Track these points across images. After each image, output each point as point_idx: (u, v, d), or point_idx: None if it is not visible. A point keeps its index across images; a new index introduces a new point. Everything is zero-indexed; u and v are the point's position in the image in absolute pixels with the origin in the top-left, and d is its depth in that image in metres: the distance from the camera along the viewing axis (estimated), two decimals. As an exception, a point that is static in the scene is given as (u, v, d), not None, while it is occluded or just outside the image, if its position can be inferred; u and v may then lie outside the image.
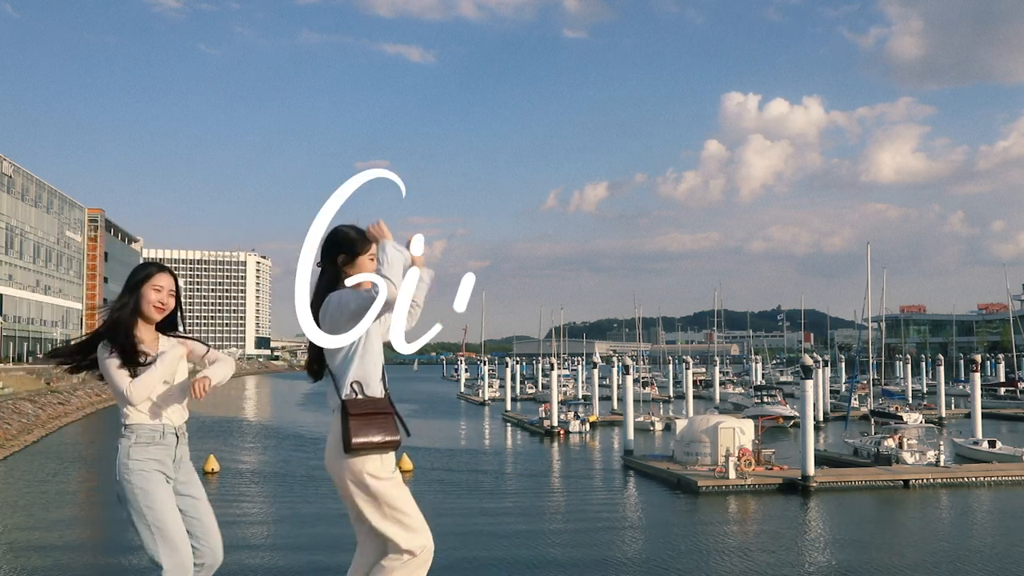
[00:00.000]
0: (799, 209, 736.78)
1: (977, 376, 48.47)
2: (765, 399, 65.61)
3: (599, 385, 67.66)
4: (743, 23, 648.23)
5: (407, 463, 37.09)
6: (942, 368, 66.09)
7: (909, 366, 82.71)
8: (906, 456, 37.33)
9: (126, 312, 3.90)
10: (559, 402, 56.87)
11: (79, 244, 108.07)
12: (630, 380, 45.61)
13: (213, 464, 36.24)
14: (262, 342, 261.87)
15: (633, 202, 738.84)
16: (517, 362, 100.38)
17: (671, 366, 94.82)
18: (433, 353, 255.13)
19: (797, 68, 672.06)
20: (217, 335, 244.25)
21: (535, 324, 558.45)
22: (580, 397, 75.87)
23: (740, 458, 33.16)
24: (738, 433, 35.19)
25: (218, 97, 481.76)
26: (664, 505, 31.06)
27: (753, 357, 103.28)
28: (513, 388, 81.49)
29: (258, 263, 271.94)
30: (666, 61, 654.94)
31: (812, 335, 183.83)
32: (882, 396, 59.70)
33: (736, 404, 69.34)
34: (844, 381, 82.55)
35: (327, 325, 3.54)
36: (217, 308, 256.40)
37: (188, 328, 4.18)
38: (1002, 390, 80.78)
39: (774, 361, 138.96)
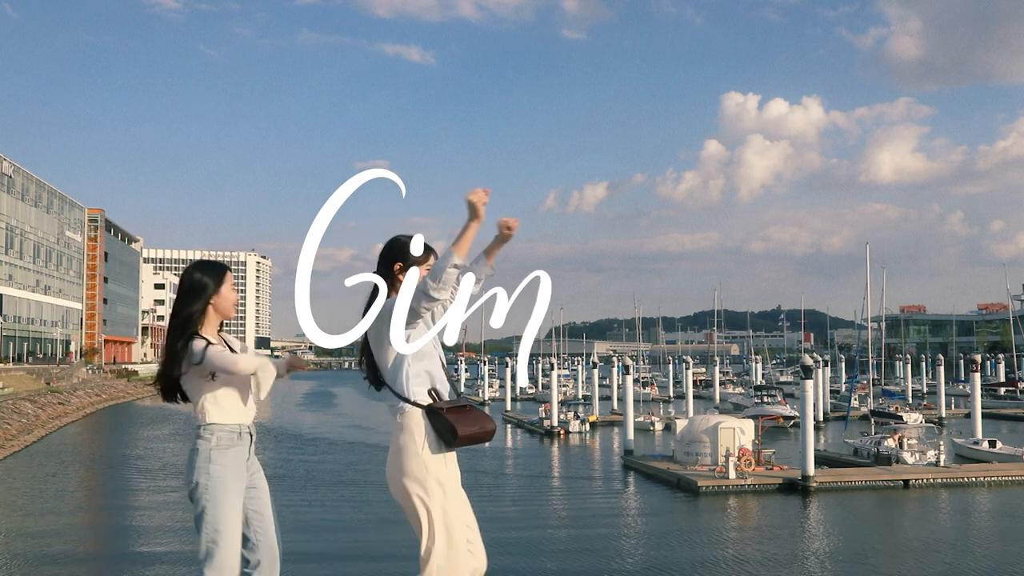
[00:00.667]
0: (798, 209, 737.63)
1: (977, 376, 48.50)
2: (765, 399, 65.63)
3: (599, 385, 67.69)
4: (742, 23, 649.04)
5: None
6: (942, 368, 66.15)
7: (909, 366, 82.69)
8: (906, 456, 37.34)
9: (199, 309, 3.84)
10: (559, 402, 56.88)
11: (79, 244, 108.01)
12: (630, 380, 45.63)
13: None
14: (262, 342, 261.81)
15: (632, 202, 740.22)
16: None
17: (671, 366, 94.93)
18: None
19: (796, 68, 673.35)
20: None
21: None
22: (580, 397, 75.91)
23: (740, 458, 33.16)
24: (738, 433, 35.21)
25: (218, 97, 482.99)
26: (664, 505, 31.04)
27: (753, 357, 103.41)
28: (513, 388, 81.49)
29: (258, 263, 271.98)
30: (665, 61, 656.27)
31: (812, 335, 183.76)
32: (882, 396, 59.64)
33: (736, 404, 69.25)
34: (844, 381, 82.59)
35: (374, 330, 3.56)
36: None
37: None
38: (1002, 390, 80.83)
39: (774, 361, 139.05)
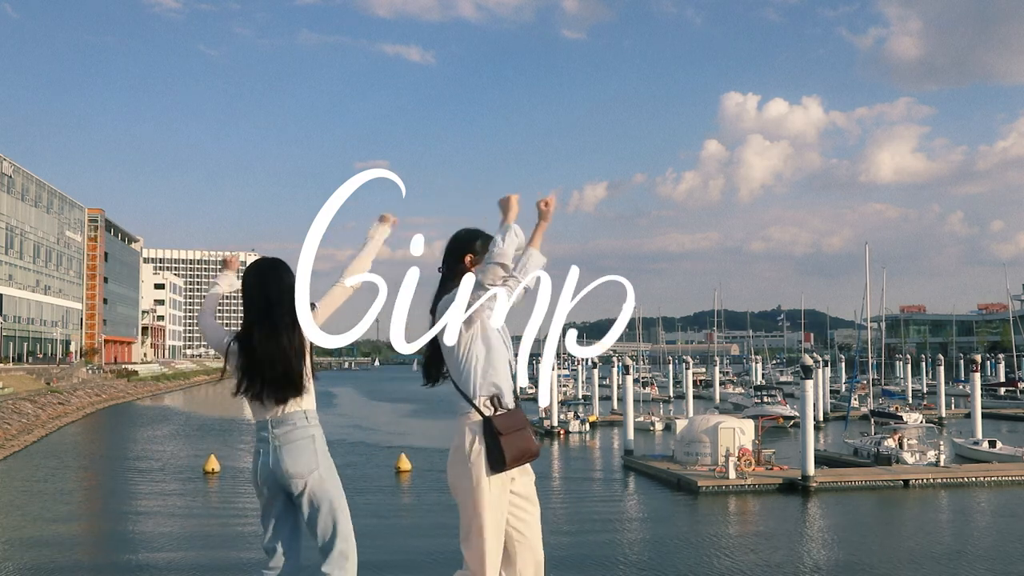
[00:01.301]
0: (798, 209, 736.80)
1: (977, 376, 48.52)
2: (765, 399, 65.64)
3: (599, 385, 67.71)
4: (742, 23, 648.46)
5: (405, 463, 37.14)
6: (942, 368, 66.15)
7: (909, 366, 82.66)
8: (906, 456, 37.35)
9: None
10: (559, 402, 56.86)
11: (79, 244, 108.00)
12: (630, 380, 45.66)
13: (213, 464, 36.27)
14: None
15: (632, 202, 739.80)
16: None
17: (671, 366, 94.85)
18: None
19: (796, 68, 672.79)
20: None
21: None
22: (580, 397, 75.90)
23: (740, 458, 33.17)
24: (738, 433, 35.23)
25: (218, 97, 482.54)
26: (664, 505, 31.05)
27: (753, 357, 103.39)
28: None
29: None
30: (665, 61, 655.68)
31: (812, 335, 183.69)
32: (882, 396, 59.65)
33: (736, 404, 69.25)
34: (844, 381, 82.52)
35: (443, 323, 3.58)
36: (217, 307, 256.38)
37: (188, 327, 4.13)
38: (1002, 390, 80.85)
39: (774, 361, 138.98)
